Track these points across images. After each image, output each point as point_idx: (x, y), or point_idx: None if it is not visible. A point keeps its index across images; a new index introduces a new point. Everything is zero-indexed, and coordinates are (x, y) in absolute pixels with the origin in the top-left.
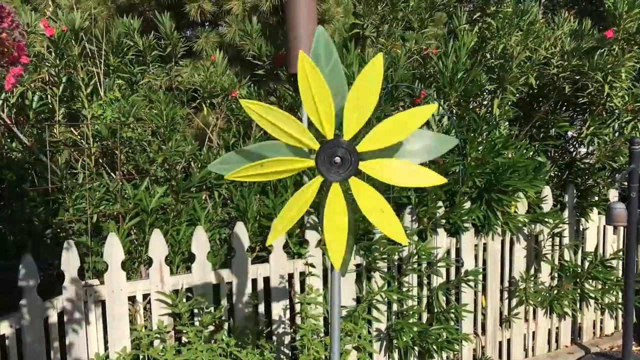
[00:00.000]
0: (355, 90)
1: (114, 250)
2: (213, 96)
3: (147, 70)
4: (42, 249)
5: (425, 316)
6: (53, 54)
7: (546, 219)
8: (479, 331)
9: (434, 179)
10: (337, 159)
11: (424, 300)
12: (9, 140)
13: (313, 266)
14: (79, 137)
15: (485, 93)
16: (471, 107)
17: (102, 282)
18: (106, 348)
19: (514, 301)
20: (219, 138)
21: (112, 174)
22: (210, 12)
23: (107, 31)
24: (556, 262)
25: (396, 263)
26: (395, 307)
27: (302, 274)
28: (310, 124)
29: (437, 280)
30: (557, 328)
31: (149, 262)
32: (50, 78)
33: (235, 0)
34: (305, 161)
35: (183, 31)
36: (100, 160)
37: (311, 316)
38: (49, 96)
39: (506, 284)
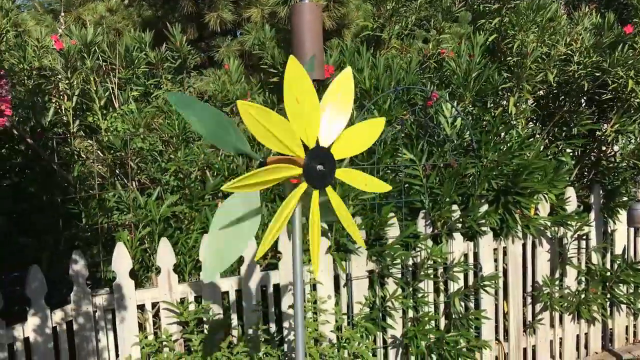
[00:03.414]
0: (332, 100)
1: (121, 259)
2: (225, 104)
3: (160, 82)
4: (57, 259)
5: (443, 322)
6: (64, 67)
7: (568, 221)
8: (502, 338)
9: (384, 187)
10: (321, 167)
11: (441, 307)
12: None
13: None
14: (95, 148)
15: (501, 92)
16: (488, 107)
17: (111, 291)
18: (117, 355)
19: (538, 306)
20: None
21: (128, 184)
22: (230, 20)
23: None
24: (583, 265)
25: (410, 269)
26: (410, 313)
27: (313, 279)
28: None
29: (453, 286)
30: (586, 334)
31: (160, 270)
32: (64, 91)
33: (254, 7)
34: (294, 168)
35: (207, 41)
36: (117, 171)
37: (308, 324)
38: (63, 108)
39: (529, 288)
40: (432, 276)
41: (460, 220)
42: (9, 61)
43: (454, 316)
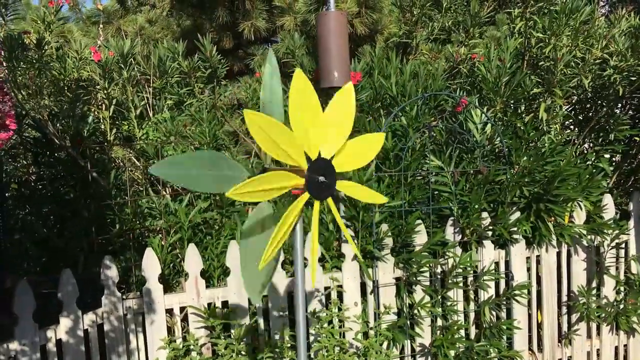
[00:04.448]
0: (333, 113)
1: (150, 264)
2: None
3: (193, 91)
4: (90, 263)
5: (473, 332)
6: (102, 78)
7: (604, 230)
8: (535, 348)
9: (380, 198)
10: (322, 178)
11: (471, 315)
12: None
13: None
14: (130, 156)
15: (533, 98)
16: (519, 112)
17: (141, 296)
18: (147, 358)
19: (574, 317)
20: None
21: (161, 190)
22: (264, 29)
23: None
24: (621, 275)
25: (439, 277)
26: (439, 322)
27: (340, 287)
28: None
29: (483, 295)
30: (626, 345)
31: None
32: (102, 101)
33: (288, 15)
34: (297, 178)
35: (244, 49)
36: (151, 178)
37: (326, 331)
38: (101, 118)
39: (564, 298)
40: (461, 284)
41: (490, 227)
42: (50, 72)
43: (484, 325)
